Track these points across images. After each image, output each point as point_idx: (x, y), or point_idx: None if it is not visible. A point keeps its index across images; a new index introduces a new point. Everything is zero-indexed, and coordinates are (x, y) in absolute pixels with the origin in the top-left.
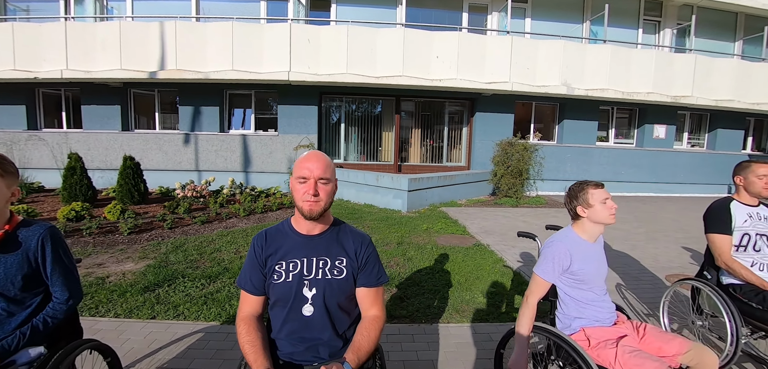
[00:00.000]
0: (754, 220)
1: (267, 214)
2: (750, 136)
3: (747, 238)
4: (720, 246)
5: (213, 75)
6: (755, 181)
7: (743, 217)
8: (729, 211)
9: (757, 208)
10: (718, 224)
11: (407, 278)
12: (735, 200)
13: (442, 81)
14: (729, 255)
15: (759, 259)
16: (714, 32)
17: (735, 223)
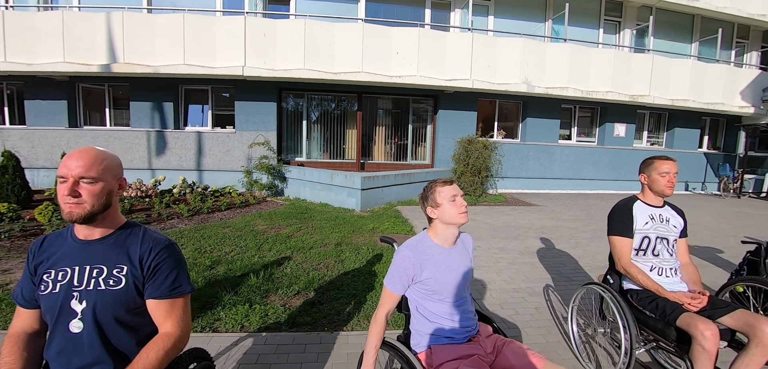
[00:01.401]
0: (655, 223)
1: (213, 215)
2: (706, 135)
3: (647, 242)
4: (619, 249)
5: (163, 69)
6: (658, 178)
7: (645, 218)
8: (631, 212)
9: (661, 209)
10: (618, 226)
11: (331, 281)
12: (639, 200)
13: (401, 77)
14: (628, 259)
15: (658, 263)
16: (672, 33)
17: (636, 225)
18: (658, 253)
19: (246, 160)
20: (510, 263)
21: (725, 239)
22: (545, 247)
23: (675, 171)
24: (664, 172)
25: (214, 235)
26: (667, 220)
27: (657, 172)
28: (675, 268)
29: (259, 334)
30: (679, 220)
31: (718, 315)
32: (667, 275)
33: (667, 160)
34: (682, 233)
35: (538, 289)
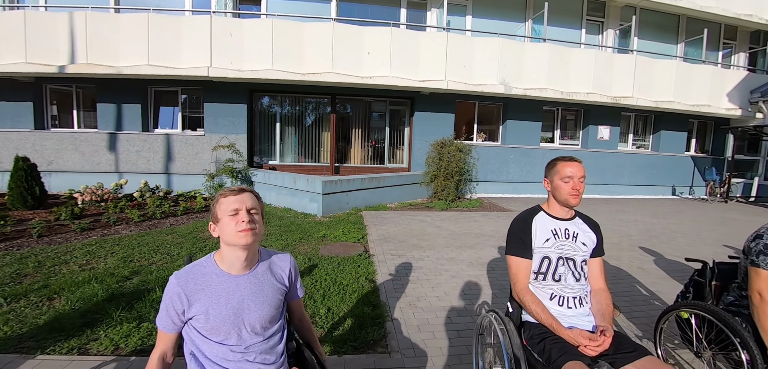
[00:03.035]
0: (558, 240)
1: (164, 221)
2: (693, 138)
3: (547, 263)
4: (515, 272)
5: (126, 70)
6: (560, 185)
7: (545, 234)
8: (530, 227)
9: (568, 222)
10: (514, 243)
11: None
12: (542, 212)
13: (372, 78)
14: (524, 284)
15: (560, 290)
16: (657, 34)
17: (535, 242)
18: (560, 277)
19: (215, 163)
20: (452, 276)
21: (701, 248)
22: (501, 257)
23: (581, 175)
24: (567, 176)
25: (152, 243)
26: (574, 237)
27: (559, 176)
28: (582, 297)
29: (127, 358)
30: (590, 237)
31: (620, 362)
32: (569, 305)
33: (572, 161)
34: (594, 252)
35: (471, 308)
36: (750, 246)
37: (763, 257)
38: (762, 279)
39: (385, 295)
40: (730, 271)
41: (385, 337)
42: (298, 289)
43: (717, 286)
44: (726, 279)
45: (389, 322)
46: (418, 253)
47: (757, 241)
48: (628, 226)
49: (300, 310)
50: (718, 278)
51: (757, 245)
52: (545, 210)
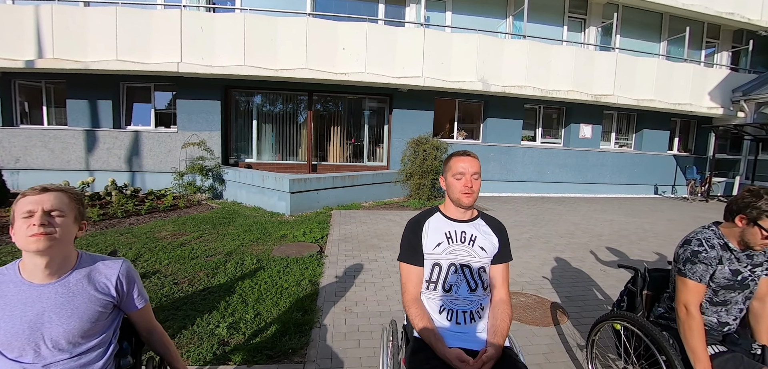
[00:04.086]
0: (452, 244)
1: (125, 220)
2: (676, 137)
3: (437, 271)
4: (404, 281)
5: (94, 65)
6: (453, 183)
7: (437, 238)
8: (421, 230)
9: (466, 224)
10: (404, 249)
11: (175, 301)
12: (438, 212)
13: (347, 74)
14: (411, 294)
15: (449, 302)
16: (640, 32)
17: (426, 247)
18: (451, 286)
19: (185, 161)
20: (377, 277)
21: (670, 248)
22: None
23: (474, 171)
24: (459, 173)
25: (102, 244)
26: (471, 240)
27: (452, 173)
28: (477, 310)
29: None
30: (491, 241)
31: None
32: (458, 321)
33: (465, 156)
34: (496, 258)
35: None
36: (678, 252)
37: (690, 266)
38: (689, 290)
39: (323, 298)
40: (663, 279)
41: (307, 345)
42: (135, 300)
43: (648, 295)
44: (658, 288)
45: (316, 328)
46: (374, 254)
47: (685, 248)
48: (601, 225)
49: (145, 321)
50: (650, 287)
51: (684, 252)
52: (442, 211)
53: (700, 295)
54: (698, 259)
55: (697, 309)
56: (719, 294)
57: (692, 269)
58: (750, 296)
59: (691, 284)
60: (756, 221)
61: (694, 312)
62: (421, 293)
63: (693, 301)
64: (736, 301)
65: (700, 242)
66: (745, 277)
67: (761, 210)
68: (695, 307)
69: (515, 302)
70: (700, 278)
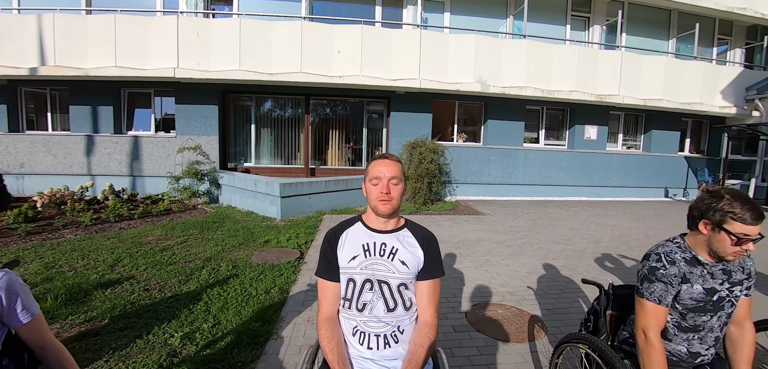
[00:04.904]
0: (369, 258)
1: (116, 224)
2: (688, 138)
3: (352, 288)
4: (320, 298)
5: (93, 72)
6: (370, 189)
7: (354, 251)
8: (337, 241)
9: (391, 234)
10: (320, 262)
11: (144, 307)
12: (360, 222)
13: (343, 78)
14: (324, 313)
15: (362, 323)
16: (647, 30)
17: (342, 259)
18: (365, 305)
19: (181, 165)
20: None
21: None
22: (444, 266)
23: (392, 176)
24: (375, 177)
25: (87, 248)
26: (391, 254)
27: (369, 177)
28: (393, 334)
29: None
30: (415, 255)
31: None
32: (371, 345)
33: (383, 159)
34: (422, 274)
35: None
36: (638, 269)
37: (648, 285)
38: (647, 313)
39: (289, 308)
40: (630, 297)
41: (258, 358)
42: (19, 314)
43: (612, 316)
44: (624, 307)
45: (272, 340)
46: None
47: (644, 263)
48: (601, 230)
49: (36, 337)
50: (615, 306)
51: (643, 269)
52: (363, 220)
53: (660, 319)
54: (656, 277)
55: (657, 335)
56: (688, 318)
57: (650, 289)
58: (727, 321)
59: (649, 306)
60: (721, 225)
61: (653, 339)
62: (338, 312)
63: (652, 325)
64: (709, 327)
65: (658, 257)
66: (721, 297)
67: (724, 211)
68: (655, 332)
69: (491, 315)
70: (659, 299)
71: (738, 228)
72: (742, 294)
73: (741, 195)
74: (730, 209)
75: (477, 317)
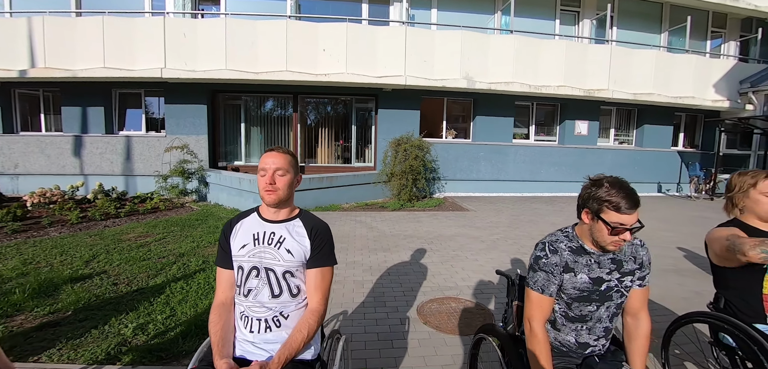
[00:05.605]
0: (258, 246)
1: (101, 223)
2: (682, 132)
3: (240, 274)
4: (216, 285)
5: (82, 73)
6: (259, 180)
7: (245, 239)
8: (231, 231)
9: (282, 223)
10: (218, 251)
11: (108, 300)
12: (256, 212)
13: (328, 75)
14: (217, 300)
15: (247, 308)
16: (639, 23)
17: (234, 248)
18: (249, 291)
19: (170, 164)
20: (335, 282)
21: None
22: (411, 261)
23: (277, 167)
24: (262, 169)
25: (68, 245)
26: (279, 242)
27: (258, 170)
28: (275, 318)
29: None
30: (302, 244)
31: None
32: (252, 329)
33: (270, 152)
34: (310, 263)
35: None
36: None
37: (532, 274)
38: (531, 303)
39: None
40: None
41: None
42: None
43: (518, 306)
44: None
45: None
46: None
47: (532, 253)
48: None
49: None
50: (520, 297)
51: (531, 258)
52: (259, 211)
53: (544, 309)
54: (539, 267)
55: (540, 325)
56: (573, 307)
57: (533, 278)
58: (617, 312)
59: (533, 296)
60: (598, 214)
61: (537, 329)
62: (231, 299)
63: (535, 315)
64: (597, 318)
65: (543, 247)
66: (610, 286)
67: (601, 200)
68: (538, 322)
69: (443, 308)
70: (542, 289)
71: (613, 217)
72: (635, 284)
73: (619, 182)
74: (607, 197)
75: (428, 310)
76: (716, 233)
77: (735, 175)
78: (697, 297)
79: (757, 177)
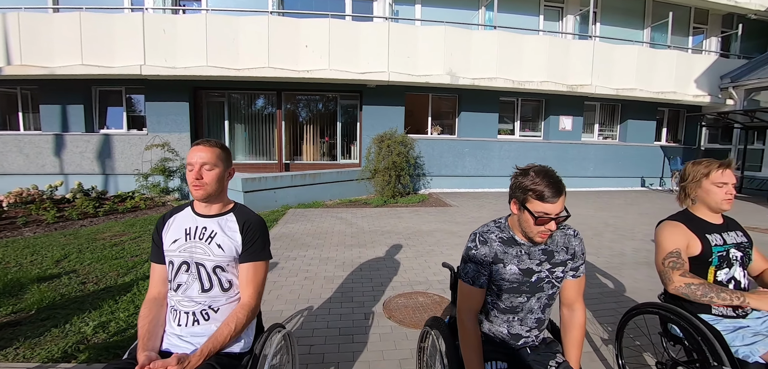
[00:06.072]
0: (189, 241)
1: (78, 222)
2: (665, 127)
3: (171, 269)
4: (150, 279)
5: (60, 70)
6: (187, 175)
7: (176, 234)
8: (163, 226)
9: (214, 218)
10: (152, 247)
11: (73, 299)
12: (190, 208)
13: (310, 72)
14: (149, 295)
15: (177, 303)
16: (622, 19)
17: (165, 243)
18: (179, 285)
19: (150, 162)
20: (305, 278)
21: (624, 243)
22: (385, 256)
23: (204, 162)
24: (189, 164)
25: (41, 245)
26: (210, 237)
27: (187, 162)
28: (203, 311)
29: None
30: (233, 239)
31: None
32: (180, 322)
33: (197, 145)
34: (243, 257)
35: (288, 312)
36: None
37: (463, 265)
38: (462, 294)
39: None
40: None
41: None
42: None
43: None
44: None
45: None
46: (297, 253)
47: (466, 243)
48: None
49: None
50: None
51: (464, 249)
52: (193, 206)
53: (474, 301)
54: (469, 258)
55: (470, 316)
56: (504, 298)
57: (464, 269)
58: (549, 302)
59: (463, 287)
60: (524, 204)
61: (465, 320)
62: (164, 294)
63: (465, 307)
64: (529, 309)
65: (473, 237)
66: (540, 277)
67: (526, 188)
68: (467, 314)
69: (410, 303)
70: (473, 280)
71: (538, 206)
72: (568, 275)
73: (544, 171)
74: (532, 186)
75: (394, 305)
76: (661, 238)
77: (689, 164)
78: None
79: (711, 166)
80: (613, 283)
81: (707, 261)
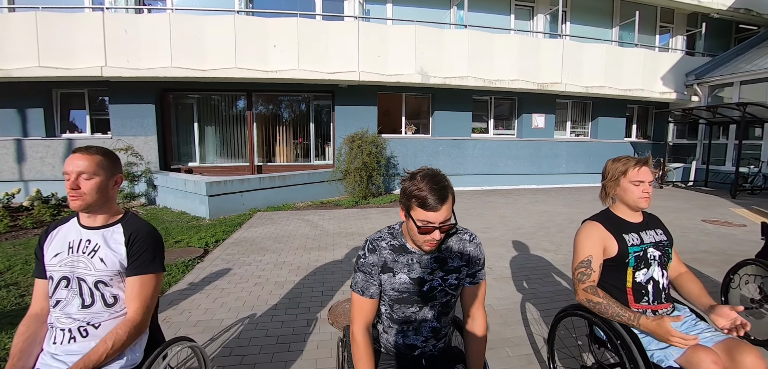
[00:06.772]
0: (72, 255)
1: (32, 231)
2: (634, 124)
3: (51, 284)
4: (32, 297)
5: (16, 73)
6: (65, 184)
7: (59, 248)
8: (45, 240)
9: (98, 230)
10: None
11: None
12: (75, 219)
13: (279, 72)
14: (32, 310)
15: (55, 319)
16: (591, 18)
17: (46, 257)
18: (58, 302)
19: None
20: (254, 284)
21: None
22: (343, 259)
23: (80, 170)
24: (65, 173)
25: None
26: (93, 251)
27: (64, 171)
28: (83, 327)
29: None
30: (117, 252)
31: None
32: (55, 340)
33: (73, 154)
34: (128, 270)
35: (227, 321)
36: None
37: (353, 274)
38: (353, 305)
39: None
40: None
41: None
42: None
43: None
44: None
45: None
46: (255, 258)
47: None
48: (528, 217)
49: None
50: None
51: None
52: (78, 216)
53: (365, 312)
54: (358, 267)
55: (360, 328)
56: (396, 309)
57: (354, 279)
58: (445, 311)
59: (354, 298)
60: (409, 212)
61: (356, 332)
62: (47, 310)
63: (356, 318)
64: (423, 318)
65: (364, 245)
66: (433, 286)
67: (411, 195)
68: (358, 325)
69: None
70: (362, 290)
71: (420, 214)
72: (464, 282)
73: (430, 175)
74: (416, 192)
75: (340, 310)
76: (577, 242)
77: (609, 161)
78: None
79: (628, 164)
80: (567, 282)
81: (624, 262)
